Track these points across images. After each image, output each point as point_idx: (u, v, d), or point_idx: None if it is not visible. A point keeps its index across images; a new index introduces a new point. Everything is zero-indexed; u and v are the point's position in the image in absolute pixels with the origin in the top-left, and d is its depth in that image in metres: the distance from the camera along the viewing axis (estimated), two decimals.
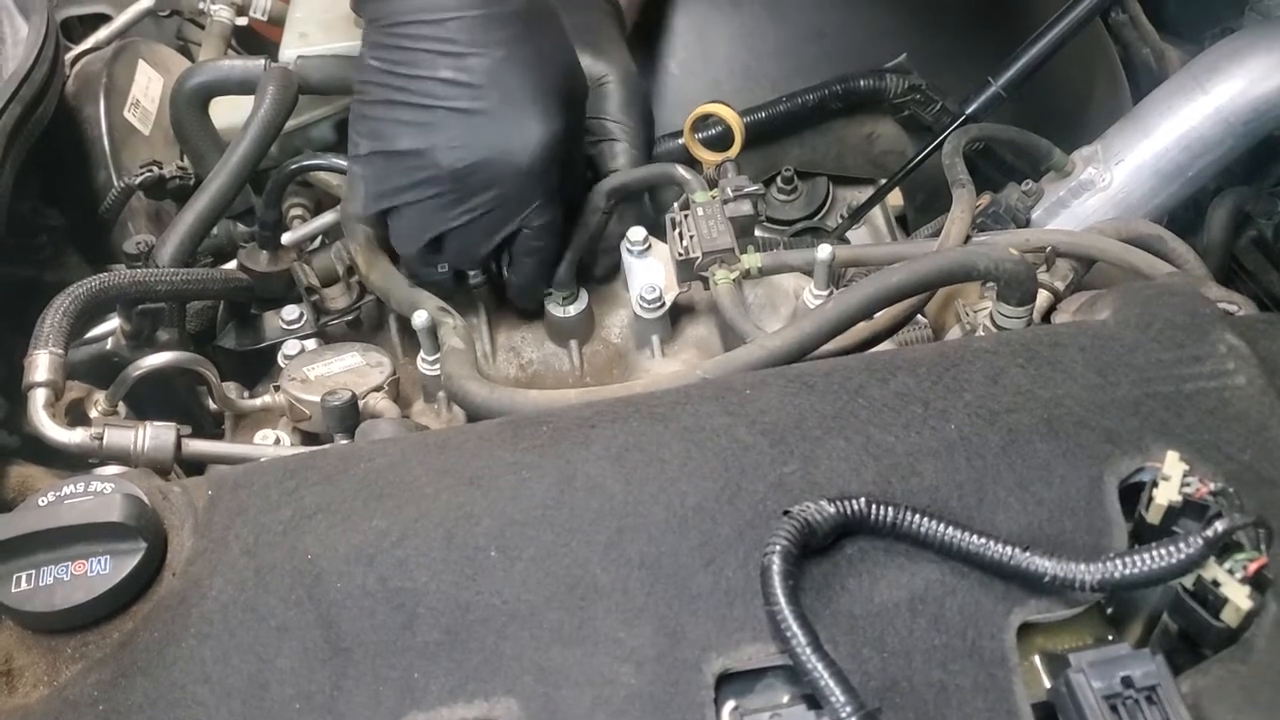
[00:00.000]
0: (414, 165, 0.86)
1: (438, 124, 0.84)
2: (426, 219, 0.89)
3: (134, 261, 0.95)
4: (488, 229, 0.89)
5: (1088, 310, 0.77)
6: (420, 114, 0.85)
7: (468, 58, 0.84)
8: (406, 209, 0.89)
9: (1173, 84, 1.10)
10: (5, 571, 0.65)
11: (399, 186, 0.88)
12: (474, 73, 0.84)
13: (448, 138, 0.84)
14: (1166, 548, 0.57)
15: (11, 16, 1.07)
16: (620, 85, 1.01)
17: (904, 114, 1.24)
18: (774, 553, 0.58)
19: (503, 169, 0.85)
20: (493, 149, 0.84)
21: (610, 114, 1.00)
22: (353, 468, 0.70)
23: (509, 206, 0.88)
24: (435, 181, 0.86)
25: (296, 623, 0.62)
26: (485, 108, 0.84)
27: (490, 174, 0.85)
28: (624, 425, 0.69)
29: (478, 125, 0.84)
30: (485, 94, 0.84)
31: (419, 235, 0.90)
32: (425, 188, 0.87)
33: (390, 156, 0.87)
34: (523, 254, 0.92)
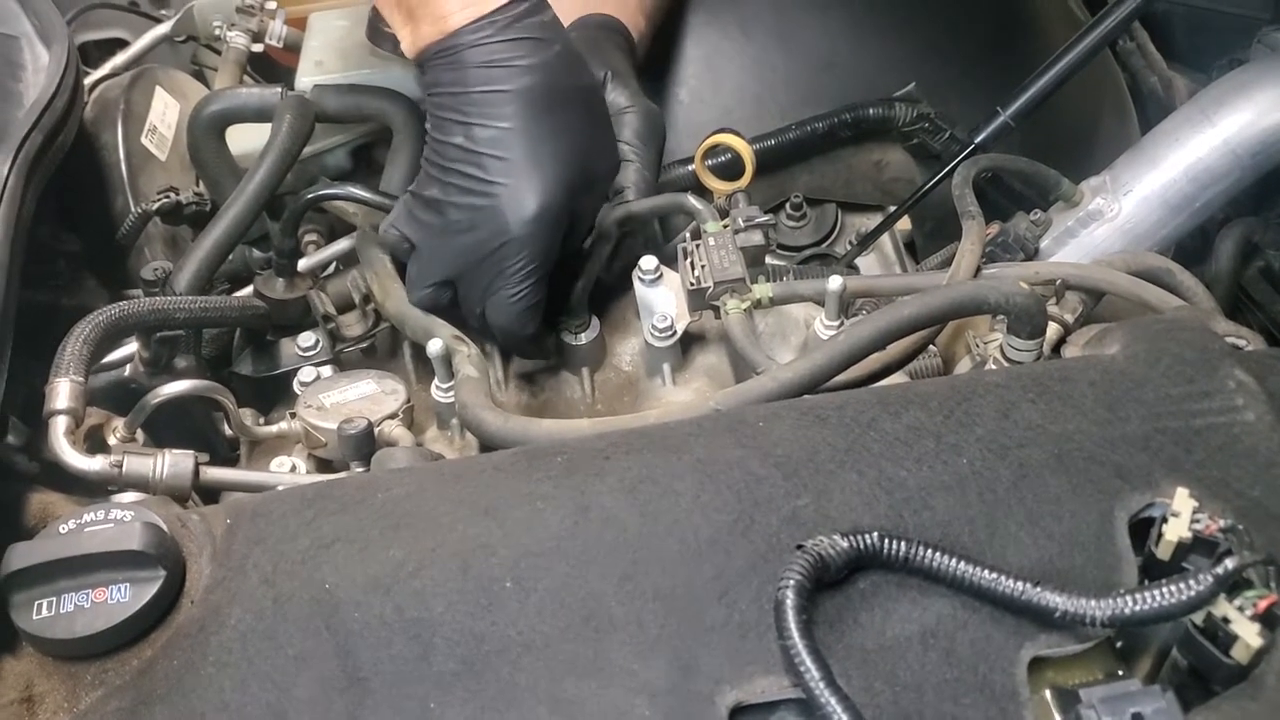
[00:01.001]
0: (433, 214, 0.93)
1: (450, 183, 0.91)
2: (430, 261, 0.95)
3: (151, 287, 0.97)
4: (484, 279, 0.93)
5: (1097, 344, 0.78)
6: (440, 172, 0.92)
7: (474, 129, 0.89)
8: (418, 252, 0.95)
9: (1180, 115, 1.11)
10: (27, 599, 0.65)
11: (417, 229, 0.94)
12: (479, 142, 0.89)
13: (455, 198, 0.90)
14: (1176, 585, 0.57)
15: (32, 44, 1.08)
16: (640, 116, 1.03)
17: (913, 142, 1.25)
18: (788, 587, 0.59)
19: (493, 231, 0.90)
20: (487, 212, 0.89)
21: (627, 139, 1.02)
22: (370, 497, 0.70)
23: (496, 264, 0.91)
24: (441, 235, 0.93)
25: (314, 652, 0.63)
26: (486, 175, 0.89)
27: (487, 239, 0.90)
28: (638, 457, 0.70)
29: (479, 190, 0.90)
30: (487, 163, 0.89)
31: (425, 279, 0.96)
32: (433, 234, 0.93)
33: (417, 205, 0.94)
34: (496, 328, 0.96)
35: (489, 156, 0.89)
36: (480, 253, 0.91)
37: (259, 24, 1.38)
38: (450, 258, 0.93)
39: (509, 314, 0.93)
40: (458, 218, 0.91)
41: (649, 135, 1.03)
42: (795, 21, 1.31)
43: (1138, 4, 1.14)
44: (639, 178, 1.01)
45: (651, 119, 1.04)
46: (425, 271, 0.95)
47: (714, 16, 1.32)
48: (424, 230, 0.94)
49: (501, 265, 0.91)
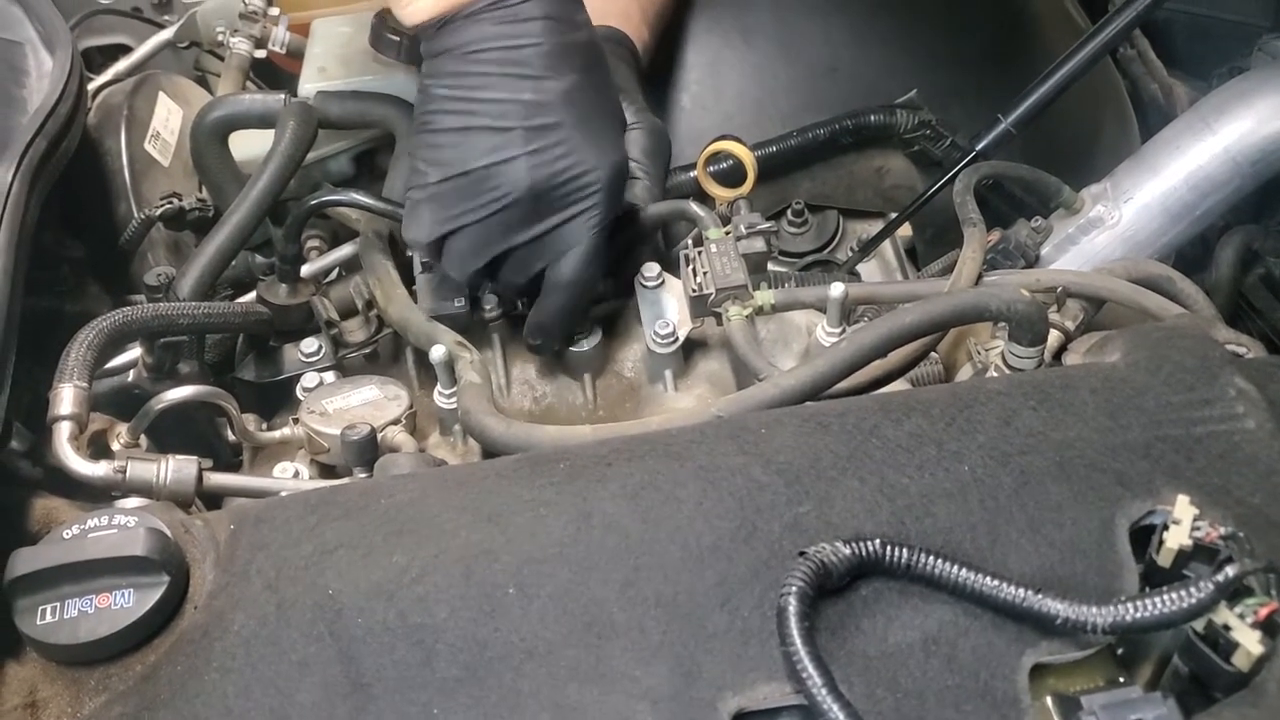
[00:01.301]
0: (490, 184, 0.88)
1: (517, 146, 0.87)
2: (489, 238, 0.90)
3: (154, 293, 0.97)
4: (548, 248, 0.90)
5: (1098, 352, 0.78)
6: (496, 136, 0.87)
7: (545, 81, 0.87)
8: (469, 229, 0.90)
9: (1181, 123, 1.11)
10: (30, 604, 0.65)
11: (469, 207, 0.89)
12: (552, 94, 0.87)
13: (527, 158, 0.87)
14: (1177, 592, 0.57)
15: (36, 50, 1.08)
16: (647, 133, 1.03)
17: (914, 149, 1.25)
18: (790, 593, 0.59)
19: (579, 186, 0.87)
20: (572, 168, 0.87)
21: (634, 156, 1.02)
22: (373, 503, 0.71)
23: (571, 229, 0.89)
24: (508, 200, 0.88)
25: (317, 658, 0.63)
26: (563, 129, 0.87)
27: (568, 191, 0.88)
28: (640, 463, 0.70)
29: (558, 143, 0.87)
30: (563, 115, 0.87)
31: (481, 256, 0.91)
32: (497, 205, 0.88)
33: (462, 180, 0.88)
34: (562, 284, 0.93)
35: (563, 109, 0.86)
36: (559, 215, 0.88)
37: (262, 30, 1.38)
38: (511, 229, 0.89)
39: (590, 265, 0.91)
40: (529, 182, 0.86)
41: (656, 152, 1.04)
42: (797, 28, 1.32)
43: (1139, 11, 1.14)
44: (647, 194, 1.01)
45: (658, 136, 1.04)
46: (473, 253, 0.91)
47: (716, 23, 1.32)
48: (468, 208, 0.89)
49: (588, 220, 0.88)
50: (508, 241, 0.90)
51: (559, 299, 0.94)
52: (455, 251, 0.92)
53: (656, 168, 1.04)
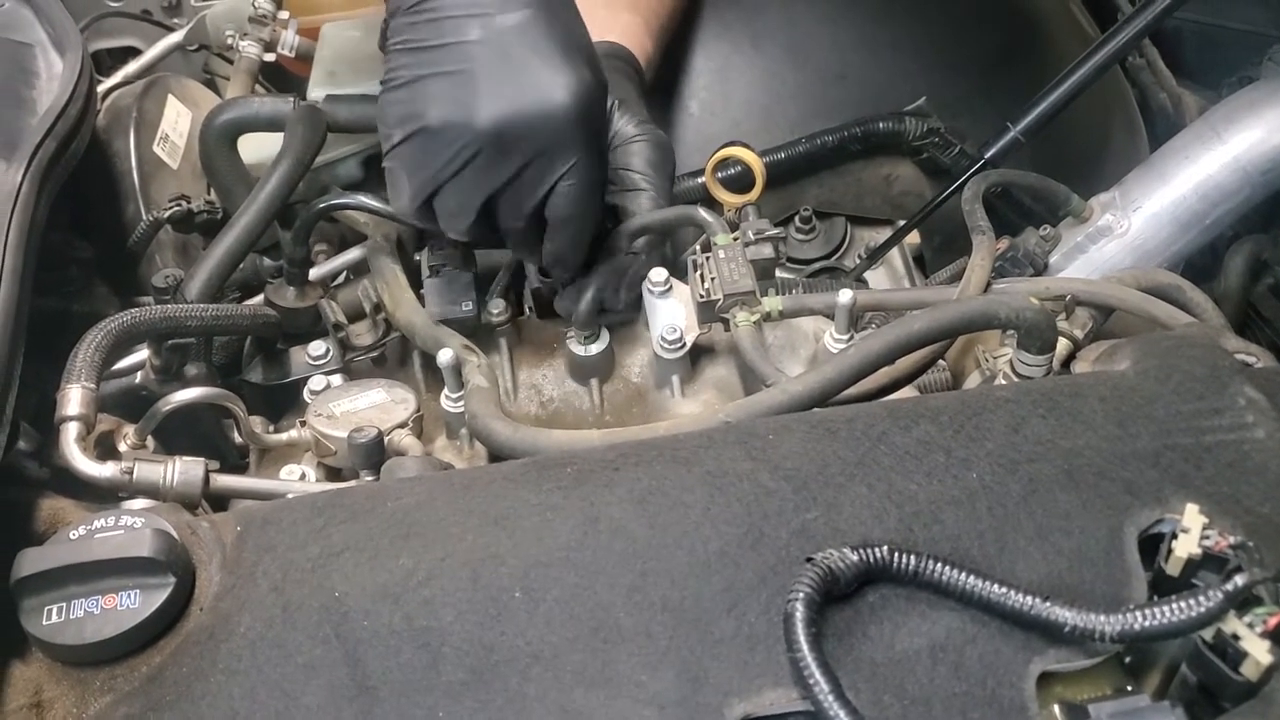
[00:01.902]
0: (452, 135, 0.86)
1: (472, 86, 0.85)
2: (472, 187, 0.88)
3: (162, 295, 0.97)
4: (532, 183, 0.88)
5: (1107, 360, 0.78)
6: (452, 82, 0.85)
7: (495, 17, 0.85)
8: (450, 186, 0.88)
9: (1191, 133, 1.11)
10: (36, 604, 0.65)
11: (440, 163, 0.87)
12: (503, 31, 0.85)
13: (483, 98, 0.84)
14: (1186, 601, 0.57)
15: (46, 52, 1.09)
16: (650, 145, 1.02)
17: (922, 156, 1.25)
18: (797, 599, 0.59)
19: (540, 119, 0.85)
20: (528, 100, 0.84)
21: (638, 167, 1.01)
22: (380, 506, 0.71)
23: (549, 157, 0.87)
24: (474, 144, 0.86)
25: (323, 660, 0.63)
26: (517, 63, 0.85)
27: (528, 125, 0.85)
28: (647, 468, 0.70)
29: (511, 80, 0.84)
30: (515, 50, 0.85)
31: (469, 207, 0.89)
32: (466, 153, 0.86)
33: (426, 134, 0.87)
34: (560, 219, 0.91)
35: (517, 42, 0.84)
36: (526, 151, 0.86)
37: (271, 34, 1.38)
38: (485, 174, 0.87)
39: (581, 199, 0.89)
40: (486, 123, 0.84)
41: (660, 163, 1.03)
42: (806, 35, 1.32)
43: (1149, 21, 1.14)
44: (652, 205, 1.01)
45: (662, 148, 1.03)
46: (460, 206, 0.89)
47: (726, 29, 1.32)
48: (438, 162, 0.87)
49: (565, 147, 0.86)
50: (489, 187, 0.88)
51: (565, 235, 0.93)
52: (444, 212, 0.90)
53: (661, 179, 1.03)
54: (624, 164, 1.02)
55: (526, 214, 0.90)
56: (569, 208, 0.90)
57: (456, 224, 0.91)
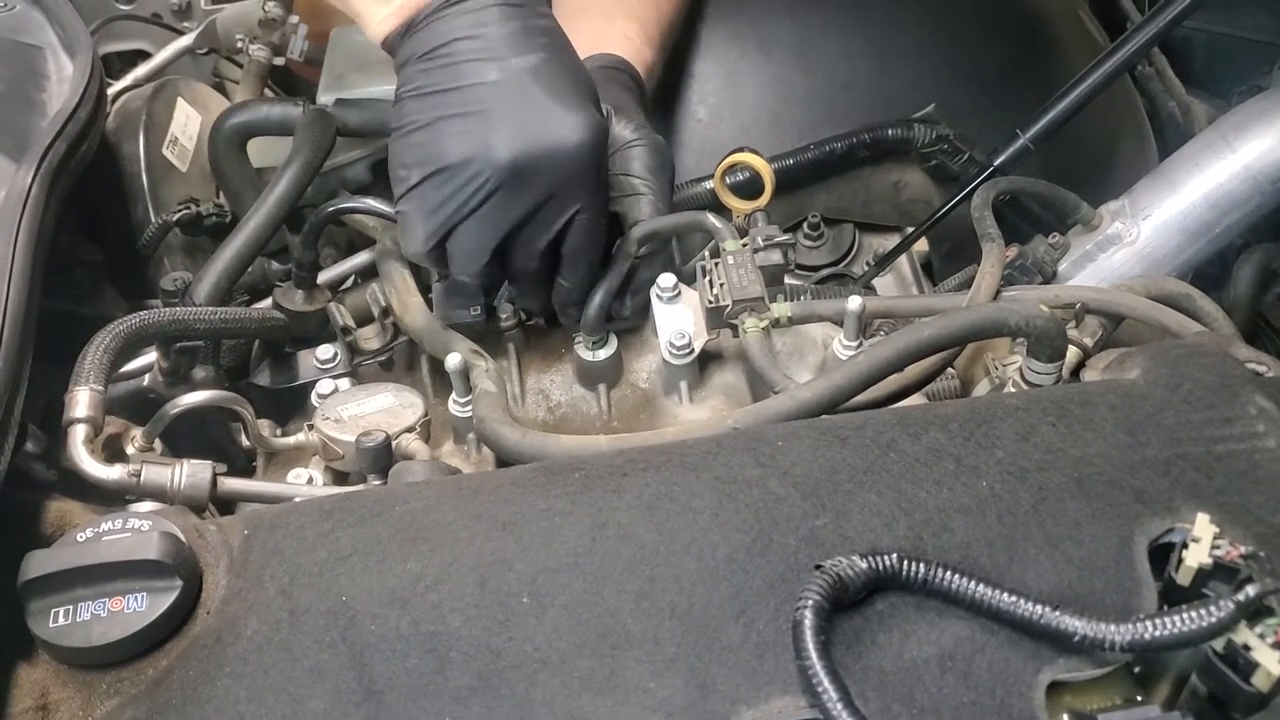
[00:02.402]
0: (470, 174, 0.87)
1: (489, 126, 0.86)
2: (488, 226, 0.89)
3: (171, 298, 0.97)
4: (547, 219, 0.89)
5: (1117, 368, 0.78)
6: (470, 122, 0.87)
7: (510, 60, 0.87)
8: (467, 224, 0.89)
9: (1200, 141, 1.11)
10: (43, 606, 0.65)
11: (457, 203, 0.88)
12: (519, 73, 0.87)
13: (502, 134, 0.86)
14: (1197, 611, 0.57)
15: (56, 54, 1.09)
16: (649, 150, 1.02)
17: (931, 163, 1.25)
18: (806, 607, 0.59)
19: (557, 156, 0.87)
20: (545, 138, 0.86)
21: (637, 172, 1.01)
22: (388, 510, 0.71)
23: (564, 192, 0.88)
24: (494, 179, 0.87)
25: (330, 665, 0.63)
26: (533, 102, 0.87)
27: (545, 161, 0.87)
28: (656, 474, 0.70)
29: (528, 118, 0.86)
30: (531, 90, 0.87)
31: (485, 246, 0.90)
32: (485, 188, 0.87)
33: (443, 174, 0.88)
34: (575, 253, 0.93)
35: (532, 83, 0.87)
36: (544, 185, 0.87)
37: (281, 38, 1.39)
38: (504, 210, 0.88)
39: (595, 233, 0.91)
40: (507, 157, 0.86)
41: (659, 168, 1.03)
42: (815, 41, 1.32)
43: (1159, 29, 1.14)
44: (652, 210, 1.01)
45: (660, 152, 1.03)
46: (476, 245, 0.90)
47: (734, 35, 1.32)
48: (456, 201, 0.88)
49: (576, 184, 0.88)
50: (505, 226, 0.89)
51: (575, 275, 0.94)
52: (458, 253, 0.91)
53: (661, 183, 1.03)
54: (623, 169, 1.02)
55: (539, 251, 0.92)
56: (584, 242, 0.92)
57: (471, 264, 0.91)
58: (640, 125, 1.03)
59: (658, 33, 1.21)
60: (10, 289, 0.77)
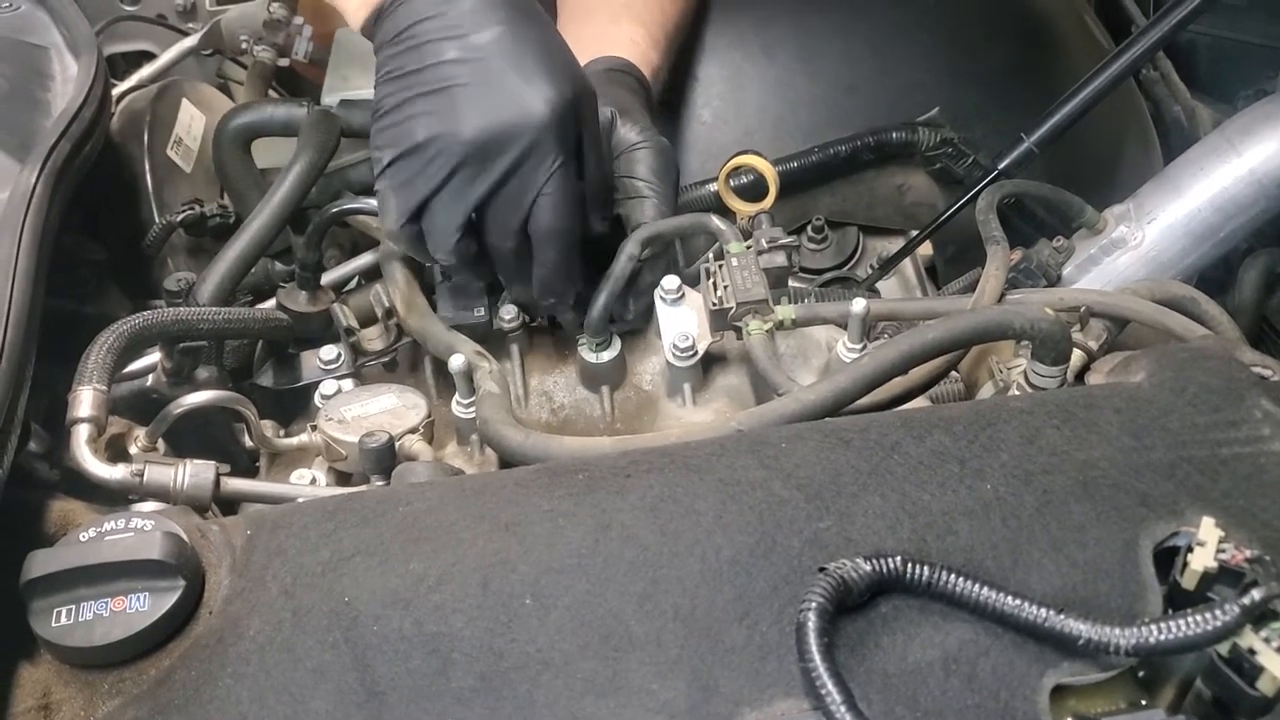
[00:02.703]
0: (435, 151, 0.88)
1: (452, 103, 0.88)
2: (457, 199, 0.90)
3: (174, 298, 0.97)
4: (515, 193, 0.89)
5: (1122, 372, 0.78)
6: (433, 100, 0.88)
7: (470, 36, 0.88)
8: (436, 201, 0.90)
9: (1205, 145, 1.11)
10: (45, 606, 0.65)
11: (424, 179, 0.89)
12: (478, 48, 0.88)
13: (465, 111, 0.87)
14: (1202, 615, 0.57)
15: (61, 55, 1.09)
16: (654, 153, 1.03)
17: (936, 167, 1.25)
18: (809, 609, 0.59)
19: (519, 126, 0.87)
20: (507, 110, 0.87)
21: (642, 175, 1.02)
22: (391, 511, 0.70)
23: (530, 165, 0.88)
24: (457, 157, 0.88)
25: (332, 665, 0.63)
26: (494, 77, 0.87)
27: (509, 134, 0.87)
28: (659, 475, 0.70)
29: (490, 93, 0.87)
30: (492, 64, 0.88)
31: (454, 221, 0.91)
32: (450, 163, 0.88)
33: (412, 154, 0.89)
34: (544, 233, 0.92)
35: (493, 56, 0.87)
36: (508, 159, 0.87)
37: (285, 39, 1.39)
38: (470, 185, 0.88)
39: (562, 209, 0.90)
40: (470, 134, 0.87)
41: (664, 170, 1.03)
42: (819, 44, 1.32)
43: (1164, 33, 1.14)
44: (656, 213, 1.01)
45: (665, 154, 1.04)
46: (447, 221, 0.91)
47: (739, 38, 1.32)
48: (425, 178, 0.89)
49: (542, 157, 0.88)
50: (472, 200, 0.89)
51: (549, 252, 0.93)
52: (432, 230, 0.92)
53: (665, 186, 1.03)
54: (627, 171, 1.02)
55: (513, 229, 0.92)
56: (551, 220, 0.91)
57: (444, 241, 0.92)
58: (646, 128, 1.03)
59: (663, 36, 1.21)
60: (14, 289, 0.77)
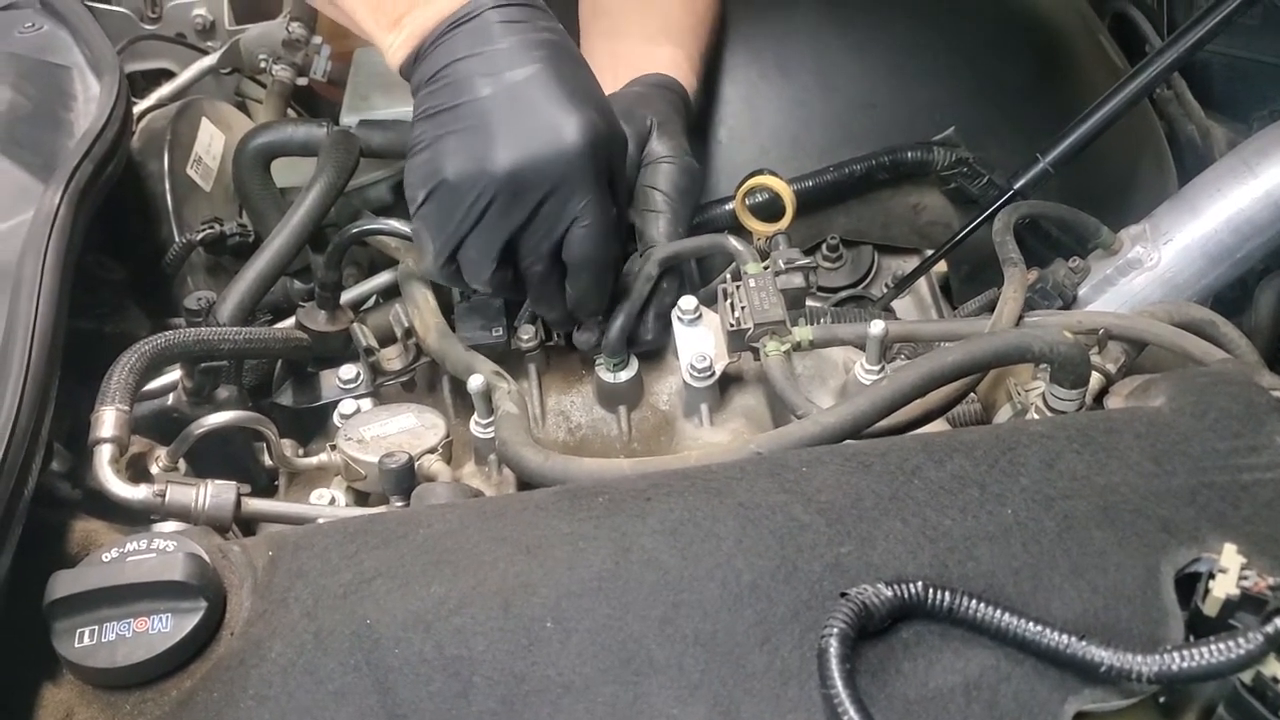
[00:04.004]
0: (469, 184, 0.88)
1: (486, 138, 0.88)
2: (491, 233, 0.90)
3: (195, 317, 0.97)
4: (548, 222, 0.90)
5: (1141, 395, 0.78)
6: (467, 137, 0.89)
7: (504, 74, 0.89)
8: (470, 239, 0.91)
9: (1222, 166, 1.11)
10: (69, 626, 0.66)
11: (460, 216, 0.90)
12: (513, 85, 0.88)
13: (497, 147, 0.88)
14: (1225, 643, 0.56)
15: (84, 74, 1.10)
16: (679, 170, 1.03)
17: (951, 186, 1.25)
18: (831, 635, 0.59)
19: (551, 158, 0.87)
20: (539, 142, 0.87)
21: (662, 188, 1.02)
22: (411, 533, 0.71)
23: (563, 195, 0.89)
24: (490, 190, 0.88)
25: (354, 688, 0.63)
26: (526, 111, 0.88)
27: (540, 165, 0.87)
28: (679, 499, 0.70)
29: (522, 127, 0.88)
30: (525, 100, 0.88)
31: (489, 254, 0.91)
32: (483, 200, 0.89)
33: (444, 190, 0.90)
34: (578, 261, 0.92)
35: (526, 93, 0.88)
36: (540, 191, 0.88)
37: (304, 58, 1.40)
38: (504, 218, 0.89)
39: (597, 239, 0.91)
40: (503, 168, 0.87)
41: (685, 190, 1.04)
42: (835, 64, 1.33)
43: (1180, 54, 1.14)
44: (670, 230, 1.02)
45: (690, 174, 1.04)
46: (481, 255, 0.91)
47: (755, 57, 1.33)
48: (459, 216, 0.89)
49: (573, 190, 0.88)
50: (507, 230, 0.90)
51: (585, 279, 0.94)
52: (468, 264, 0.93)
53: (684, 206, 1.04)
54: (649, 182, 1.03)
55: (545, 254, 0.92)
56: (586, 249, 0.91)
57: (479, 273, 0.93)
58: (678, 146, 1.04)
59: (698, 57, 1.22)
60: (39, 310, 0.78)
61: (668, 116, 1.07)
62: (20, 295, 0.79)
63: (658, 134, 1.04)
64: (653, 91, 1.11)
